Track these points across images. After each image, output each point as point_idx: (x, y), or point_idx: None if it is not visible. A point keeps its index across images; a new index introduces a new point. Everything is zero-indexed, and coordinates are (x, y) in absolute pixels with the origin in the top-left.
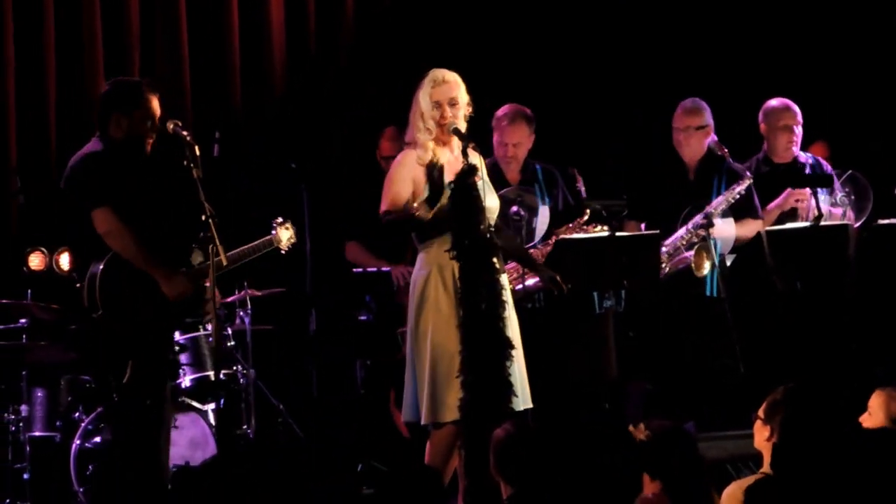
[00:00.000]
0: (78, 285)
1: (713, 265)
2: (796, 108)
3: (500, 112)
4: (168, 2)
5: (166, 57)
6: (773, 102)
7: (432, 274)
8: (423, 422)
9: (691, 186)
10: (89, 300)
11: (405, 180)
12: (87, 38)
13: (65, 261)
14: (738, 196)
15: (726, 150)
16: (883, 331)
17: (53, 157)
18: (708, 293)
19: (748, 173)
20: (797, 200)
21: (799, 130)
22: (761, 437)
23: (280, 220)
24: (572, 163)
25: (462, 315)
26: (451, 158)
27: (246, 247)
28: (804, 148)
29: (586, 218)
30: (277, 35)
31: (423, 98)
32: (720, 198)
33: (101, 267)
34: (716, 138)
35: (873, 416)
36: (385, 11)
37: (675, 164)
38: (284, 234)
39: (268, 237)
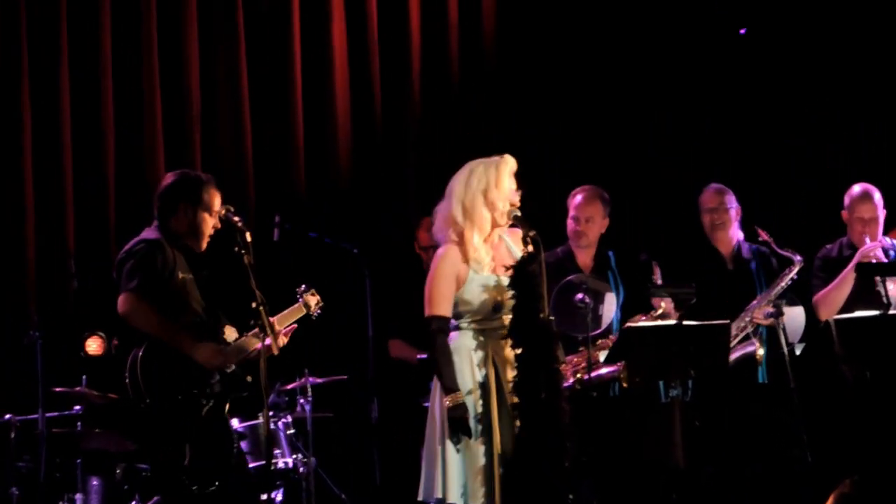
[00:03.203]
0: (126, 377)
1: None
2: (876, 197)
3: (576, 192)
4: (230, 83)
5: (228, 139)
6: (855, 189)
7: (461, 349)
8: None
9: (731, 276)
10: (133, 388)
11: (448, 277)
12: (148, 120)
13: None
14: (790, 282)
15: (771, 238)
16: None
17: (112, 242)
18: (760, 380)
19: (798, 257)
20: (866, 256)
21: (877, 220)
22: None
23: (303, 287)
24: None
25: (519, 403)
26: (491, 252)
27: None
28: (885, 232)
29: (659, 312)
30: (343, 117)
31: (504, 182)
32: (775, 285)
33: (141, 353)
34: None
35: None
36: (453, 93)
37: (711, 254)
38: (312, 300)
39: (295, 305)
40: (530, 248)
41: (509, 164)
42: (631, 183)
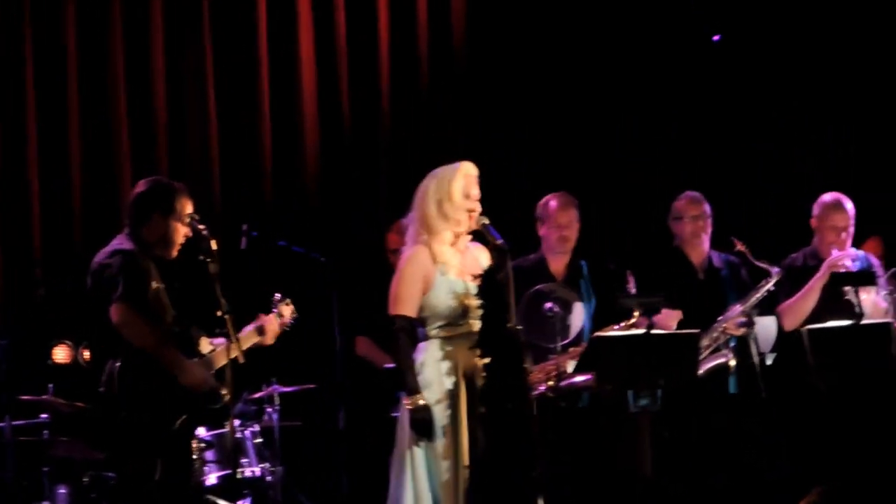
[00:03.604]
0: (102, 389)
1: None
2: (848, 207)
3: (546, 199)
4: (197, 89)
5: (195, 146)
6: (827, 198)
7: (430, 359)
8: None
9: (702, 286)
10: (109, 399)
11: (415, 277)
12: (115, 128)
13: (89, 354)
14: (766, 293)
15: (747, 249)
16: None
17: (79, 250)
18: (731, 391)
19: (775, 269)
20: (834, 266)
21: (849, 230)
22: None
23: (279, 296)
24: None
25: (487, 413)
26: (459, 257)
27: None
28: (858, 244)
29: (633, 321)
30: (310, 123)
31: (457, 191)
32: (751, 295)
33: (119, 364)
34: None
35: None
36: (422, 96)
37: (683, 263)
38: (286, 310)
39: (270, 315)
40: (496, 257)
41: (462, 172)
42: (598, 187)
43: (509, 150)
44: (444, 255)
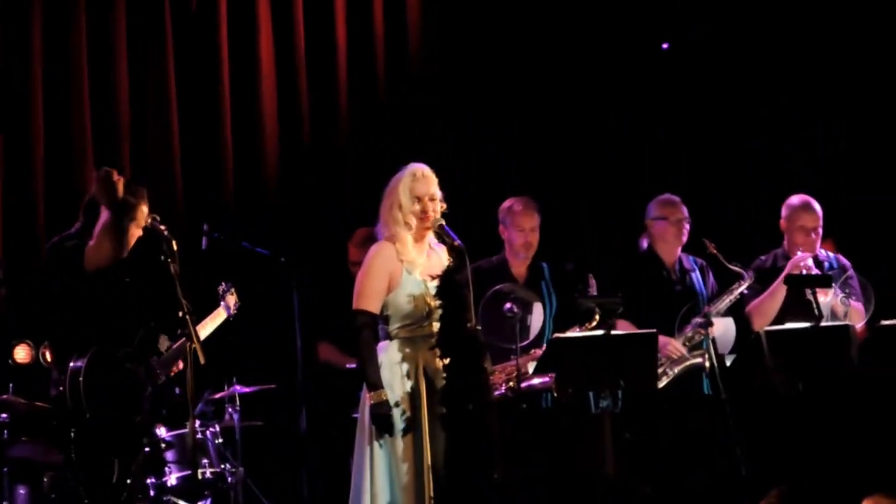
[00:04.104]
0: (61, 388)
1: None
2: (817, 208)
3: (510, 203)
4: (159, 92)
5: (157, 147)
6: (795, 200)
7: (391, 360)
8: None
9: (675, 287)
10: (73, 400)
11: (381, 273)
12: (77, 130)
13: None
14: (738, 296)
15: (718, 252)
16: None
17: (40, 250)
18: (705, 391)
19: (748, 273)
20: (796, 268)
21: (818, 230)
22: None
23: (224, 286)
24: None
25: (448, 413)
26: (425, 257)
27: (198, 327)
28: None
29: (594, 324)
30: (270, 128)
31: (403, 193)
32: (723, 298)
33: (83, 366)
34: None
35: None
36: (380, 104)
37: (657, 264)
38: (231, 301)
39: (218, 308)
40: (454, 258)
41: (409, 174)
42: (587, 185)
43: (497, 148)
44: (410, 253)
